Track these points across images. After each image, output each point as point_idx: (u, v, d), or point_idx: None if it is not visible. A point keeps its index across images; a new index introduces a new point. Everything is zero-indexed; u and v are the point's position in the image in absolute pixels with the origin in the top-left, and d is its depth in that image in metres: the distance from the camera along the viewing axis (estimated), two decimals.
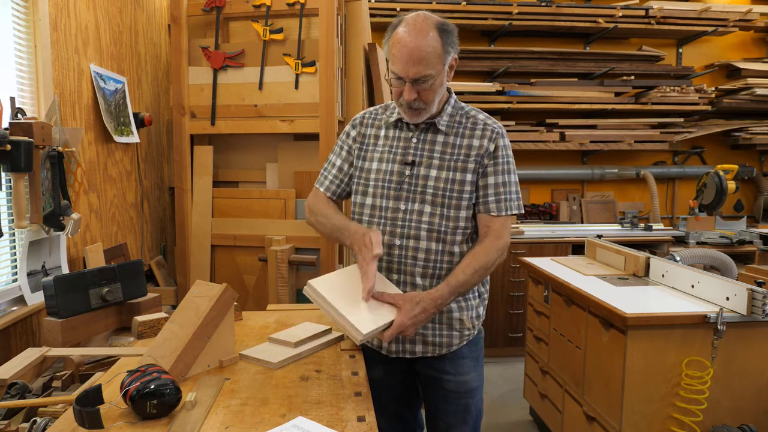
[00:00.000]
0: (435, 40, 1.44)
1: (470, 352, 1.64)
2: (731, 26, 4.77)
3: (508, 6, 4.50)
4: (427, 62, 1.43)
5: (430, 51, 1.43)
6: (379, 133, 1.64)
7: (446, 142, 1.56)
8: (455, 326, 1.60)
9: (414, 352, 1.61)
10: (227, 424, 1.19)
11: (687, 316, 2.02)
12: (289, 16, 3.07)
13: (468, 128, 1.57)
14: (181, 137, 3.14)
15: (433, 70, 1.45)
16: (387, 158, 1.60)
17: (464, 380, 1.63)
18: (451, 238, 1.56)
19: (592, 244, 3.11)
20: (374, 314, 1.39)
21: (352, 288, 1.43)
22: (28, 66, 2.16)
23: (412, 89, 1.46)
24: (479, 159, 1.55)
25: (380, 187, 1.59)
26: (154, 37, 3.44)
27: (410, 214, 1.55)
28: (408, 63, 1.43)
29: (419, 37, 1.43)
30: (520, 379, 3.36)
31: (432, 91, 1.48)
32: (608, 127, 4.77)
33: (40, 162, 2.05)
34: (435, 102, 1.52)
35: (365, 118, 1.70)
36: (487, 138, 1.55)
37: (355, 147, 1.67)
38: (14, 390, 1.44)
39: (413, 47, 1.42)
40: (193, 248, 3.19)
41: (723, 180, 4.06)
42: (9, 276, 2.10)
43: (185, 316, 1.48)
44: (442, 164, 1.54)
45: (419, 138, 1.58)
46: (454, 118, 1.59)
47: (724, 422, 2.05)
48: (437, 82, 1.48)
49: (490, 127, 1.57)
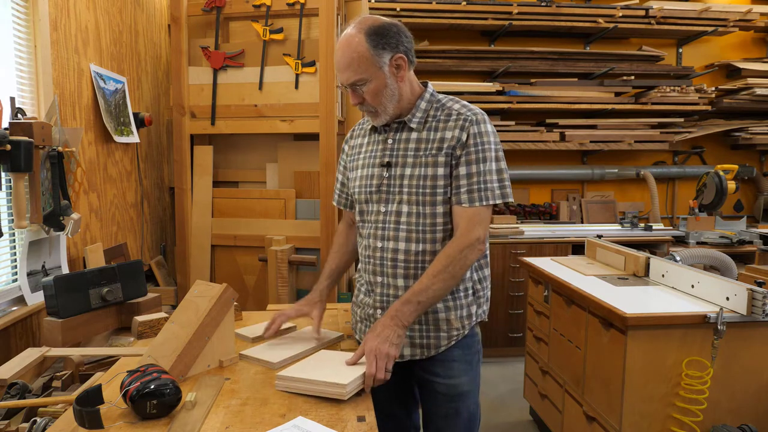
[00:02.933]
0: (361, 45, 1.46)
1: (462, 355, 1.59)
2: (731, 26, 4.77)
3: (508, 6, 4.50)
4: (354, 68, 1.47)
5: (355, 57, 1.46)
6: (363, 141, 1.69)
7: (419, 138, 1.54)
8: (442, 327, 1.56)
9: (403, 355, 1.57)
10: (227, 424, 1.19)
11: (687, 316, 2.02)
12: (289, 16, 3.07)
13: (441, 120, 1.54)
14: (181, 137, 3.14)
15: (363, 75, 1.47)
16: (367, 163, 1.63)
17: (454, 384, 1.59)
18: (431, 236, 1.53)
19: (592, 244, 3.11)
20: (349, 369, 1.38)
21: (320, 365, 1.43)
22: (28, 66, 2.16)
23: (354, 94, 1.51)
24: (450, 151, 1.50)
25: (364, 192, 1.61)
26: (154, 37, 3.44)
27: (390, 215, 1.56)
28: (338, 70, 1.51)
29: (344, 44, 1.48)
30: (520, 379, 3.36)
31: (374, 94, 1.49)
32: (608, 127, 4.77)
33: (40, 162, 2.05)
34: (385, 104, 1.51)
35: (354, 130, 1.76)
36: (459, 127, 1.50)
37: (349, 160, 1.73)
38: (14, 390, 1.44)
39: (339, 55, 1.49)
40: (193, 248, 3.19)
41: (723, 180, 4.06)
42: (9, 276, 2.10)
43: (185, 316, 1.48)
44: (415, 162, 1.53)
45: (394, 138, 1.58)
46: (428, 112, 1.56)
47: (724, 422, 2.05)
48: (375, 85, 1.49)
49: (463, 115, 1.52)
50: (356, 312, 1.71)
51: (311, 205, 3.10)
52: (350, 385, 1.30)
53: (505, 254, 4.07)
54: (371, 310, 1.62)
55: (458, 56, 4.67)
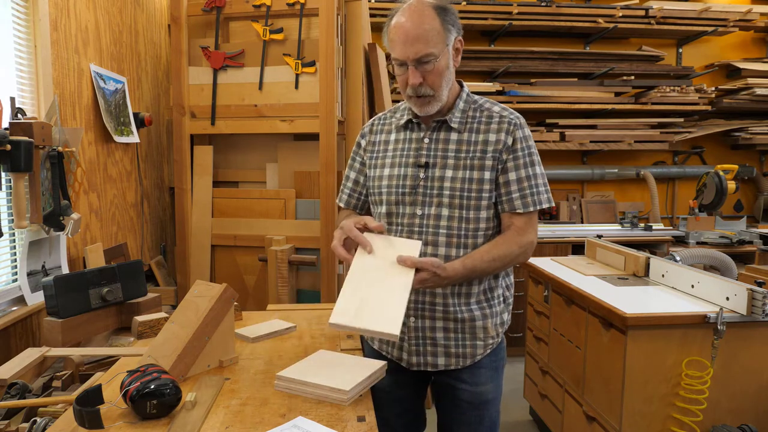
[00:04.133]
0: (432, 18, 1.38)
1: (490, 362, 1.56)
2: (731, 26, 4.78)
3: (508, 6, 4.50)
4: (426, 40, 1.37)
5: (428, 29, 1.37)
6: (389, 137, 1.57)
7: (460, 139, 1.47)
8: (479, 335, 1.51)
9: (436, 365, 1.51)
10: (227, 424, 1.19)
11: (687, 316, 2.02)
12: (289, 16, 3.07)
13: (483, 123, 1.48)
14: (181, 137, 3.14)
15: (434, 49, 1.38)
16: (399, 162, 1.52)
17: (480, 391, 1.54)
18: (472, 241, 1.46)
19: (592, 244, 3.11)
20: (351, 374, 1.35)
21: (320, 367, 1.40)
22: (28, 66, 2.16)
23: (416, 72, 1.39)
24: (497, 155, 1.45)
25: (394, 193, 1.50)
26: (154, 37, 3.44)
27: (427, 218, 1.47)
28: (406, 43, 1.38)
29: (415, 16, 1.38)
30: (520, 379, 3.36)
31: (437, 74, 1.40)
32: (608, 127, 4.77)
33: (40, 162, 2.05)
34: (443, 88, 1.43)
35: (374, 125, 1.63)
36: (504, 131, 1.46)
37: (367, 156, 1.61)
38: (14, 390, 1.44)
39: (410, 26, 1.37)
40: (193, 248, 3.19)
41: (723, 180, 4.06)
42: (9, 276, 2.10)
43: (185, 316, 1.48)
44: (457, 164, 1.45)
45: (431, 138, 1.49)
46: (467, 113, 1.50)
47: (724, 422, 2.05)
48: (441, 63, 1.40)
49: (506, 119, 1.48)
50: None
51: (311, 205, 3.10)
52: (352, 391, 1.29)
53: None
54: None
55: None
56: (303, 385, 1.33)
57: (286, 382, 1.35)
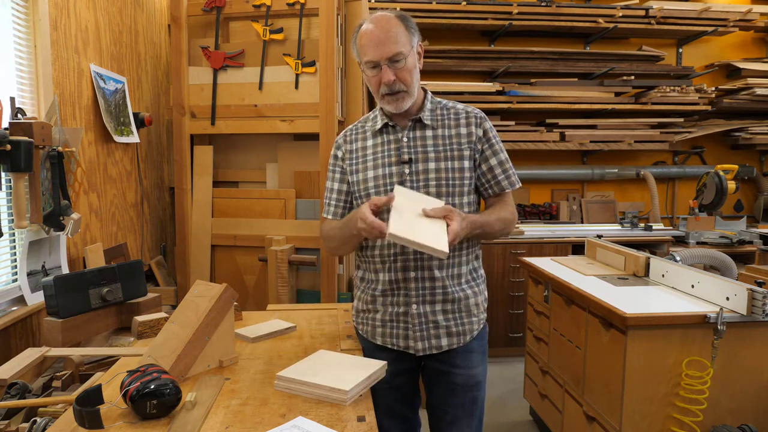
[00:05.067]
0: (397, 24, 1.54)
1: (479, 346, 1.68)
2: (731, 26, 4.77)
3: (508, 6, 4.50)
4: (396, 41, 1.52)
5: (396, 32, 1.52)
6: (365, 143, 1.67)
7: (435, 135, 1.61)
8: (473, 312, 1.65)
9: (440, 346, 1.62)
10: (227, 424, 1.19)
11: (687, 316, 2.02)
12: (289, 16, 3.07)
13: (452, 119, 1.64)
14: (181, 137, 3.14)
15: (403, 48, 1.53)
16: (382, 163, 1.62)
17: (472, 373, 1.66)
18: None
19: (592, 244, 3.11)
20: (351, 374, 1.36)
21: (320, 367, 1.42)
22: (28, 66, 2.16)
23: (389, 70, 1.52)
24: (472, 145, 1.61)
25: (382, 191, 1.59)
26: (154, 37, 3.44)
27: None
28: (378, 45, 1.52)
29: (382, 22, 1.54)
30: (520, 379, 3.36)
31: (408, 72, 1.54)
32: (608, 127, 4.77)
33: (40, 162, 2.05)
34: (414, 85, 1.57)
35: (347, 136, 1.73)
36: (474, 124, 1.63)
37: (347, 164, 1.69)
38: (14, 390, 1.44)
39: (379, 32, 1.52)
40: (193, 248, 3.19)
41: (723, 180, 4.06)
42: (9, 276, 2.10)
43: (185, 316, 1.48)
44: (438, 156, 1.59)
45: (409, 136, 1.61)
46: (435, 112, 1.65)
47: (724, 422, 2.05)
48: (410, 62, 1.55)
49: (472, 114, 1.65)
50: (374, 318, 1.66)
51: (311, 205, 3.10)
52: (352, 392, 1.29)
53: (505, 254, 4.08)
54: (403, 308, 1.60)
55: (458, 56, 4.67)
56: (303, 385, 1.34)
57: (286, 382, 1.35)
